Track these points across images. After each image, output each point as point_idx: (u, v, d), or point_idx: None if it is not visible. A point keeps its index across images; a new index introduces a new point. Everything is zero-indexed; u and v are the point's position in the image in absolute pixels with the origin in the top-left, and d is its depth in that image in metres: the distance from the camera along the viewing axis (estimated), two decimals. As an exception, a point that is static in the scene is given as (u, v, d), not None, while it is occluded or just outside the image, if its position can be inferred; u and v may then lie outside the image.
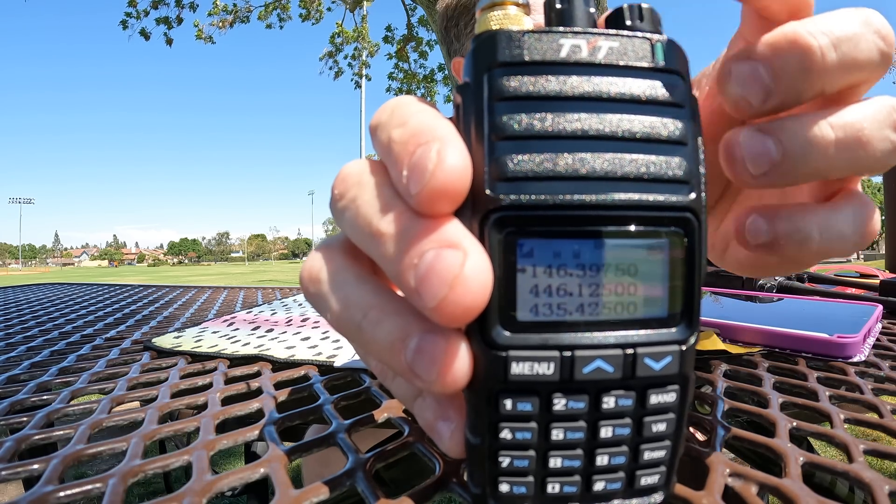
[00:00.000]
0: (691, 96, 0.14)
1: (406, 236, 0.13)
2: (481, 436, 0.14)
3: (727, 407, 0.25)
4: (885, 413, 0.25)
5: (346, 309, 0.14)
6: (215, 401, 0.28)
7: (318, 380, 0.31)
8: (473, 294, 0.12)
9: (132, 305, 0.71)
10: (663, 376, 0.13)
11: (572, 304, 0.13)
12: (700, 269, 0.13)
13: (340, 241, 0.16)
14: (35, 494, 0.18)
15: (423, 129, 0.13)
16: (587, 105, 0.13)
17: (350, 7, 5.29)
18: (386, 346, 0.14)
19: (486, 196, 0.12)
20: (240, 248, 64.43)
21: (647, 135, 0.13)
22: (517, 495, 0.14)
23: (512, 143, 0.12)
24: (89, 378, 0.34)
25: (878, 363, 0.33)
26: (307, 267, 0.16)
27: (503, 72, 0.13)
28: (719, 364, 0.33)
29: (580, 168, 0.12)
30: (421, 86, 5.45)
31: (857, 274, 0.70)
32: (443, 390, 0.13)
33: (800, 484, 0.18)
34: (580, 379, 0.13)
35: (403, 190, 0.13)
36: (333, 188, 0.15)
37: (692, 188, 0.13)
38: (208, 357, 0.38)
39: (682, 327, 0.13)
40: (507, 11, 0.14)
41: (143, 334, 0.49)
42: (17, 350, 0.43)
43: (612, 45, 0.13)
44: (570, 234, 0.13)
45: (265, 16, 5.14)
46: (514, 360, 0.13)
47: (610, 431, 0.14)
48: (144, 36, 4.56)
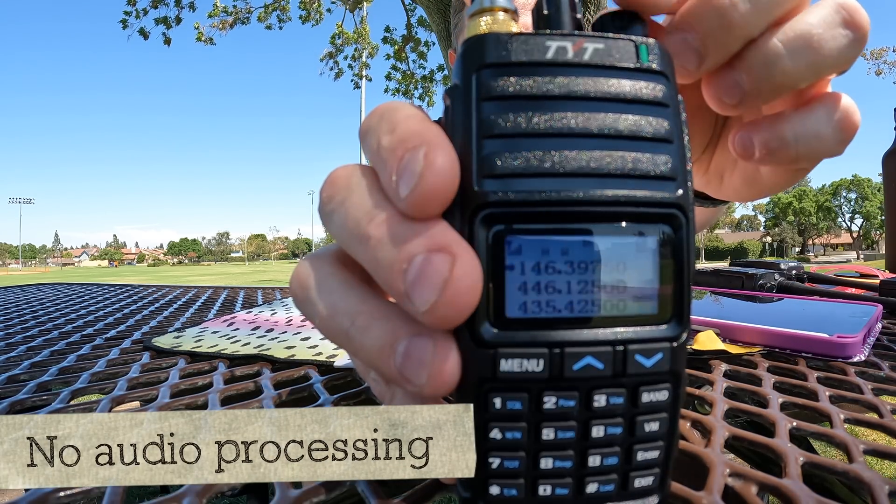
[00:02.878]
0: (676, 96, 0.14)
1: (395, 240, 0.13)
2: None
3: (727, 407, 0.25)
4: (885, 413, 0.25)
5: (334, 316, 0.14)
6: (215, 401, 0.28)
7: (318, 380, 0.31)
8: (464, 297, 0.12)
9: (132, 305, 0.71)
10: (654, 373, 0.13)
11: (561, 301, 0.13)
12: (689, 266, 0.13)
13: (330, 250, 0.16)
14: (35, 494, 0.18)
15: (412, 133, 0.13)
16: (574, 104, 0.13)
17: (350, 7, 5.29)
18: (374, 351, 0.14)
19: (474, 193, 0.12)
20: (240, 248, 64.37)
21: (633, 132, 0.13)
22: (508, 498, 0.14)
23: (500, 141, 0.13)
24: (89, 378, 0.34)
25: (878, 363, 0.33)
26: (296, 274, 0.16)
27: (491, 72, 0.13)
28: (719, 364, 0.33)
29: (567, 165, 0.13)
30: (419, 86, 5.45)
31: (857, 274, 0.70)
32: (434, 393, 0.13)
33: (800, 484, 0.18)
34: (570, 376, 0.13)
35: (393, 193, 0.13)
36: (322, 192, 0.15)
37: (679, 185, 0.13)
38: (208, 357, 0.38)
39: (672, 324, 0.13)
40: (495, 17, 0.14)
41: (143, 334, 0.49)
42: (17, 350, 0.43)
43: (598, 47, 0.13)
44: (559, 231, 0.13)
45: (265, 17, 5.14)
46: (502, 356, 0.13)
47: (602, 431, 0.13)
48: (143, 35, 4.56)
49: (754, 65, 0.16)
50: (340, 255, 0.16)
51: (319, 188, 0.15)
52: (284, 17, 5.25)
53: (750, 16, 0.16)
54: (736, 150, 0.19)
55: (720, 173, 0.24)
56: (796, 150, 0.17)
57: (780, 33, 0.16)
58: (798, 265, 0.61)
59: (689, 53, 0.16)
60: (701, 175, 0.24)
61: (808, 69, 0.16)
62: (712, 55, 0.16)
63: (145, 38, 4.60)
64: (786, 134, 0.17)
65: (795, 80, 0.16)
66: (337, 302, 0.14)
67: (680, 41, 0.16)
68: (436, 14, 2.82)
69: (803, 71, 0.16)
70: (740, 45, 0.16)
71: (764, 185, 0.21)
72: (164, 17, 4.62)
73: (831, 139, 0.17)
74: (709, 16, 0.16)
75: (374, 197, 0.14)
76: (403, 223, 0.13)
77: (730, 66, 0.17)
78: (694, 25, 0.16)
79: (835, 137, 0.17)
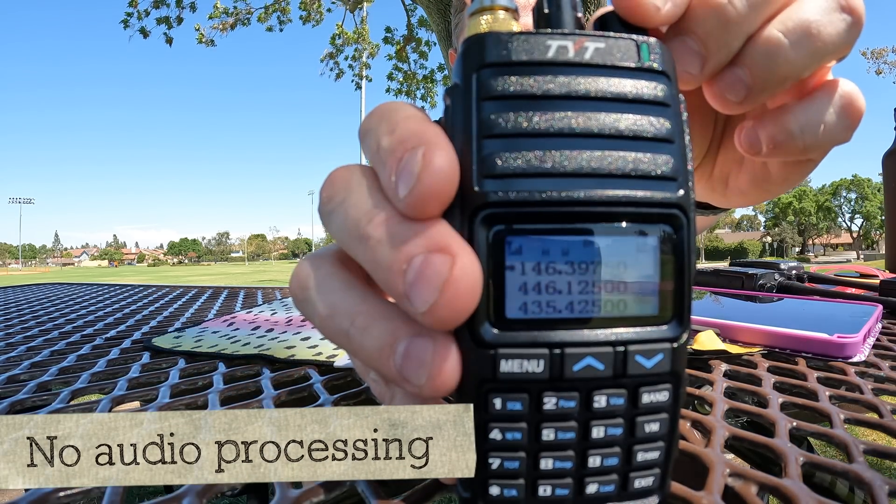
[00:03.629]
0: (678, 95, 0.14)
1: (394, 241, 0.13)
2: None
3: (727, 407, 0.25)
4: (885, 413, 0.25)
5: (334, 316, 0.14)
6: (215, 401, 0.28)
7: (318, 380, 0.31)
8: (463, 297, 0.12)
9: (132, 305, 0.71)
10: (655, 374, 0.13)
11: (561, 302, 0.13)
12: (690, 266, 0.13)
13: (330, 250, 0.16)
14: (35, 494, 0.18)
15: (411, 133, 0.13)
16: (574, 104, 0.13)
17: (350, 8, 5.28)
18: (374, 352, 0.13)
19: (475, 193, 0.12)
20: (240, 248, 64.31)
21: (634, 132, 0.13)
22: (508, 498, 0.14)
23: (500, 141, 0.13)
24: (89, 378, 0.34)
25: (878, 363, 0.33)
26: (296, 274, 0.16)
27: (491, 72, 0.13)
28: (719, 364, 0.33)
29: (568, 165, 0.12)
30: (420, 86, 5.45)
31: (857, 274, 0.70)
32: (433, 394, 0.13)
33: (800, 484, 0.18)
34: (570, 377, 0.13)
35: (392, 194, 0.13)
36: (322, 192, 0.15)
37: (680, 185, 0.13)
38: (208, 357, 0.38)
39: (673, 325, 0.13)
40: (496, 16, 0.14)
41: (143, 334, 0.49)
42: (17, 350, 0.43)
43: (599, 46, 0.13)
44: (559, 231, 0.13)
45: (265, 18, 5.14)
46: (503, 357, 0.13)
47: (602, 431, 0.13)
48: (143, 34, 4.56)
49: (756, 58, 0.16)
50: (340, 256, 0.16)
51: (319, 188, 0.16)
52: (285, 18, 5.24)
53: (748, 10, 0.15)
54: (743, 147, 0.18)
55: (725, 176, 0.23)
56: (803, 140, 0.17)
57: (778, 24, 0.16)
58: (798, 265, 0.61)
59: (691, 57, 0.16)
60: (705, 181, 0.24)
61: (809, 57, 0.16)
62: (714, 56, 0.16)
63: (145, 37, 4.59)
64: (791, 126, 0.17)
65: (798, 69, 0.16)
66: (337, 302, 0.14)
67: (680, 46, 0.16)
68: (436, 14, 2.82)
69: (805, 59, 0.16)
70: (741, 41, 0.16)
71: (773, 183, 0.21)
72: (165, 18, 4.62)
73: (837, 126, 0.17)
74: (706, 17, 0.16)
75: (374, 197, 0.14)
76: (403, 224, 0.13)
77: (731, 64, 0.17)
78: (693, 28, 0.16)
79: (841, 124, 0.17)
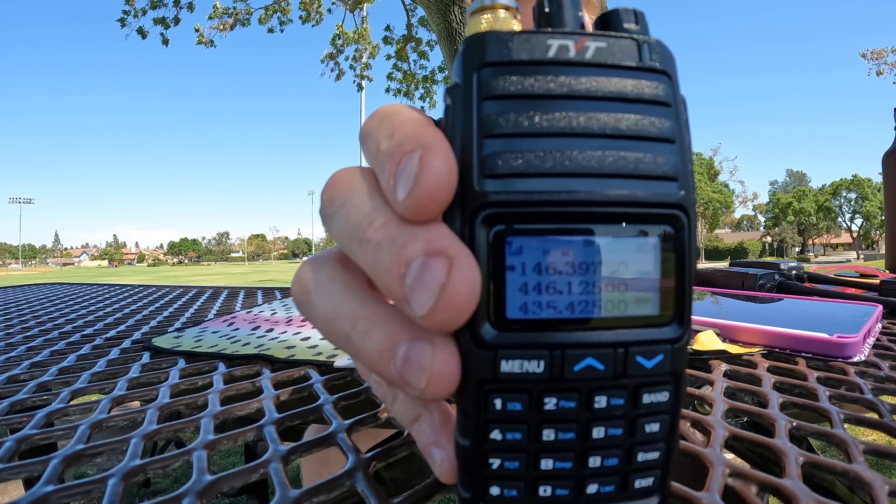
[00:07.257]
0: (679, 95, 0.14)
1: (393, 244, 0.13)
2: (471, 438, 0.14)
3: (727, 407, 0.25)
4: (885, 413, 0.25)
5: (335, 319, 0.14)
6: (215, 401, 0.28)
7: (318, 380, 0.31)
8: (461, 301, 0.12)
9: (132, 305, 0.71)
10: (655, 375, 0.13)
11: (562, 302, 0.13)
12: (691, 267, 0.13)
13: (332, 253, 0.16)
14: (35, 494, 0.18)
15: (409, 136, 0.13)
16: (575, 103, 0.13)
17: (350, 8, 5.28)
18: (375, 356, 0.14)
19: (475, 193, 0.12)
20: (240, 248, 64.27)
21: (634, 132, 0.13)
22: (508, 498, 0.14)
23: (500, 141, 0.12)
24: (89, 378, 0.34)
25: (878, 363, 0.33)
26: (298, 276, 0.16)
27: (492, 71, 0.13)
28: (719, 364, 0.33)
29: (568, 165, 0.12)
30: (420, 86, 5.45)
31: (857, 274, 0.70)
32: (434, 397, 0.13)
33: (799, 484, 0.18)
34: (570, 377, 0.13)
35: (391, 197, 0.13)
36: (323, 194, 0.15)
37: (681, 185, 0.13)
38: (208, 357, 0.38)
39: (674, 325, 0.13)
40: (496, 15, 0.14)
41: (143, 334, 0.49)
42: (17, 350, 0.43)
43: (600, 46, 0.13)
44: (560, 232, 0.13)
45: (265, 19, 5.13)
46: (503, 357, 0.13)
47: (602, 432, 0.13)
48: (141, 34, 4.55)
49: None
50: (342, 258, 0.16)
51: (321, 190, 0.15)
52: (285, 18, 5.24)
53: None
54: None
55: None
56: None
57: None
58: (798, 265, 0.61)
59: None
60: None
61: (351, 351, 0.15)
62: None
63: (143, 38, 4.59)
64: None
65: None
66: (337, 306, 0.14)
67: None
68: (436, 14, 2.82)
69: None
70: None
71: None
72: (162, 18, 4.61)
73: None
74: None
75: (374, 200, 0.14)
76: (402, 227, 0.13)
77: None
78: None
79: None
